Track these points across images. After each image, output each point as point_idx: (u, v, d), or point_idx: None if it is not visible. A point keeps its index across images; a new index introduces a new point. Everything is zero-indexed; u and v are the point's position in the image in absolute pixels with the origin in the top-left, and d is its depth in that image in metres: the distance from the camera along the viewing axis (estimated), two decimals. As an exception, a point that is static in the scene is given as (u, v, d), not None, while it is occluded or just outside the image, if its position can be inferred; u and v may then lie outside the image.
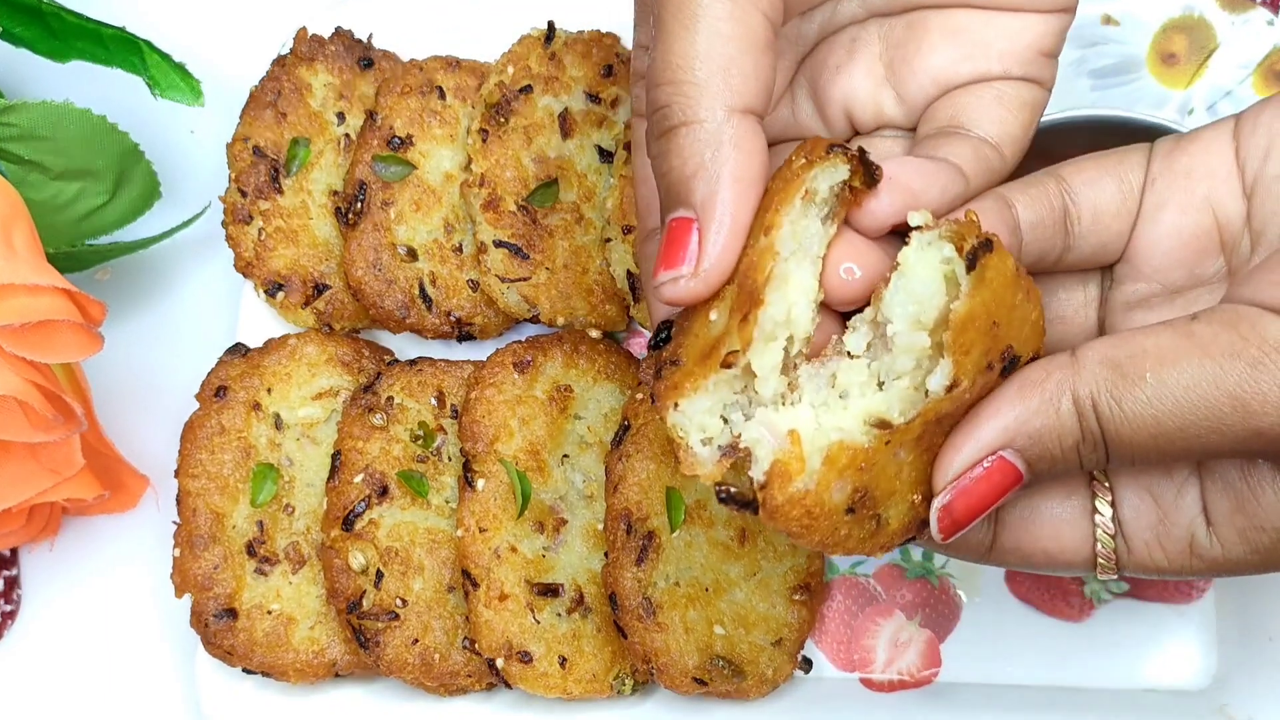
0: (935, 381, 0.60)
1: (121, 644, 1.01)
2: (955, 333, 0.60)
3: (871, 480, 0.60)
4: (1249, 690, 0.92)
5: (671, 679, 0.88)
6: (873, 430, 0.60)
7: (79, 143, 0.94)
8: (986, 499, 0.62)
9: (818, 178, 0.62)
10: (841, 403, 0.61)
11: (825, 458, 0.59)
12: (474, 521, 0.90)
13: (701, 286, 0.63)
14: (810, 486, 0.59)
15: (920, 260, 0.61)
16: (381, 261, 0.98)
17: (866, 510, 0.61)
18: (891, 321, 0.61)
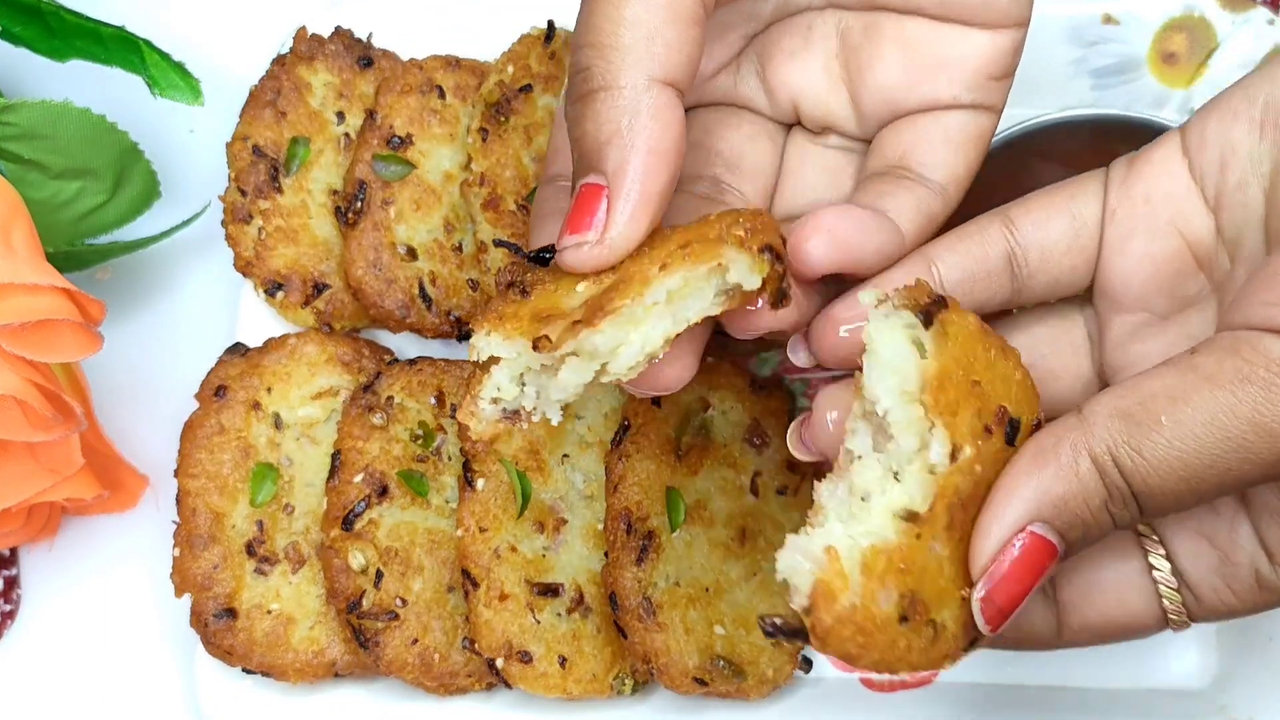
0: (935, 452, 0.59)
1: (121, 644, 1.01)
2: (933, 393, 0.59)
3: (916, 582, 0.58)
4: (1249, 690, 0.92)
5: (671, 679, 0.88)
6: (901, 524, 0.58)
7: (78, 142, 0.94)
8: (1025, 580, 0.60)
9: (739, 267, 0.61)
10: (864, 505, 0.59)
11: (863, 566, 0.57)
12: (474, 521, 0.90)
13: (606, 254, 0.63)
14: (856, 600, 0.57)
15: (883, 331, 0.60)
16: (381, 261, 0.98)
17: (920, 616, 0.58)
18: (879, 400, 0.60)
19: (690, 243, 0.62)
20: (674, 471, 0.91)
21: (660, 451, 0.90)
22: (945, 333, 0.60)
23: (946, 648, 0.60)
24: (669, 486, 0.90)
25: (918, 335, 0.60)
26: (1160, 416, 0.58)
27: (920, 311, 0.60)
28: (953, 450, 0.59)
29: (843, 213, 0.68)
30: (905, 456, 0.59)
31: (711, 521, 0.91)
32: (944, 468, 0.59)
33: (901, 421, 0.59)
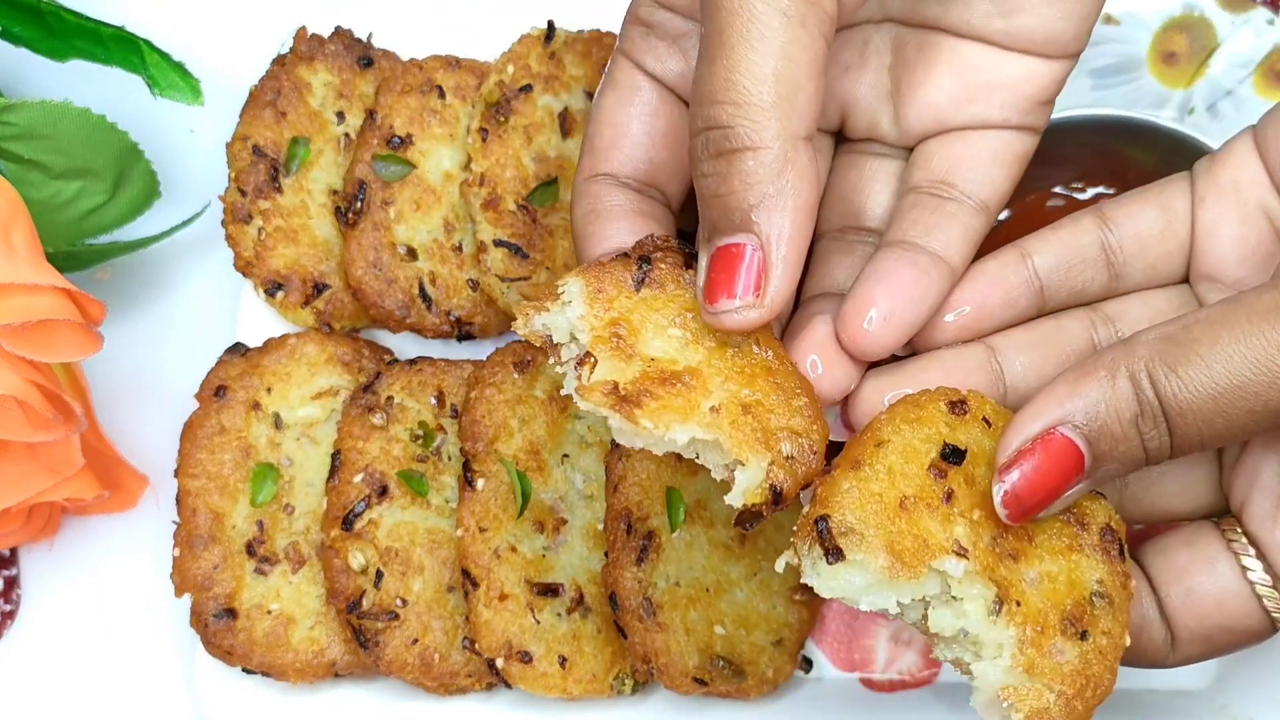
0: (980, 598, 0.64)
1: (121, 644, 1.01)
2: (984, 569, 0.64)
3: (1058, 618, 0.64)
4: (1250, 690, 0.92)
5: (672, 679, 0.88)
6: (1003, 624, 0.63)
7: (78, 142, 0.94)
8: (1050, 479, 0.63)
9: (747, 477, 0.63)
10: (977, 643, 0.64)
11: (1022, 668, 0.63)
12: (474, 521, 0.90)
13: (765, 315, 0.64)
14: (1051, 694, 0.63)
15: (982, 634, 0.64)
16: (381, 261, 0.98)
17: (1089, 626, 0.65)
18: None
19: (757, 406, 0.64)
20: (674, 471, 0.91)
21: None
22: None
23: (1118, 591, 0.66)
24: (669, 486, 0.90)
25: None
26: (1198, 338, 0.61)
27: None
28: (960, 550, 0.63)
29: (892, 291, 0.70)
30: (948, 585, 0.64)
31: (711, 521, 0.91)
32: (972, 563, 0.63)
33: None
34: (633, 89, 0.75)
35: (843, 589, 0.63)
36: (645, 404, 0.63)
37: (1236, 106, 0.98)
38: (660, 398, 0.63)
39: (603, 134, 0.75)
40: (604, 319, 0.65)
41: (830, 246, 0.78)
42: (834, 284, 0.76)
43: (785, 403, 0.65)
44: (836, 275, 0.76)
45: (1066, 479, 0.63)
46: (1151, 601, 0.71)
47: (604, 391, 0.63)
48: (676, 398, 0.63)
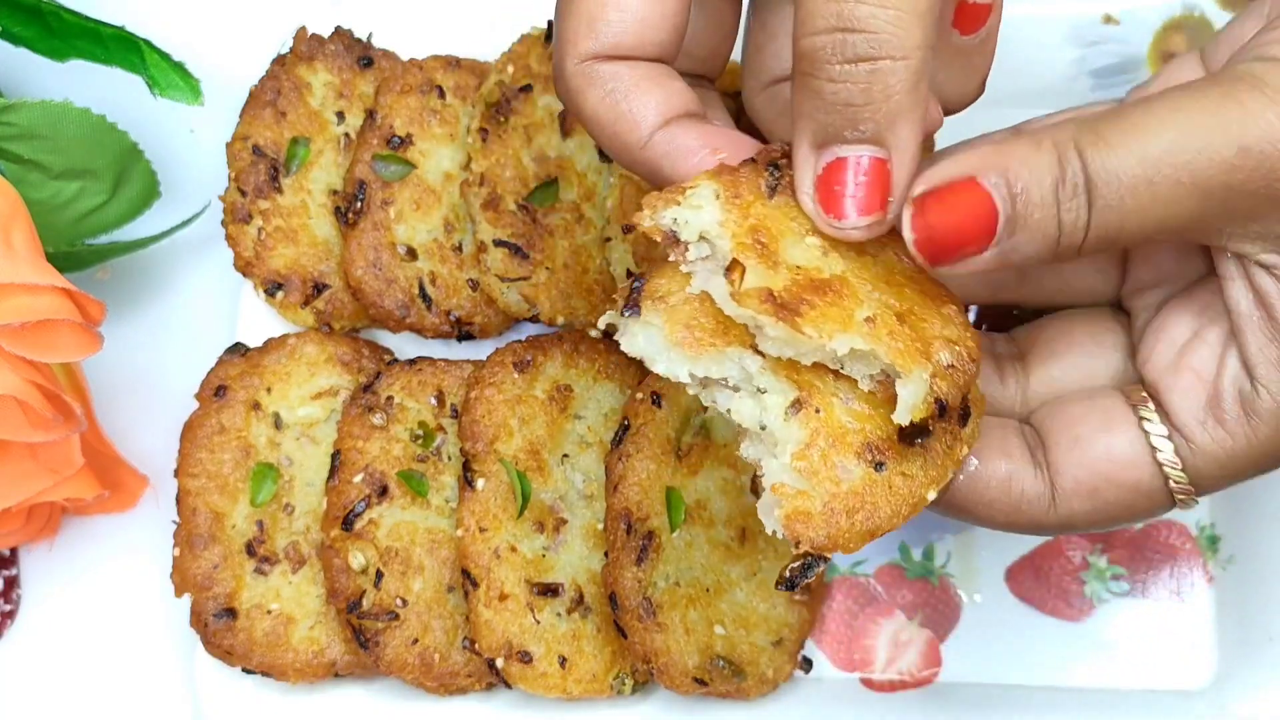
0: (767, 347, 0.62)
1: (121, 644, 1.01)
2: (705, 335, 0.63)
3: (858, 437, 0.62)
4: (1249, 690, 0.92)
5: (671, 679, 0.88)
6: (794, 415, 0.62)
7: (78, 142, 0.94)
8: (963, 223, 0.60)
9: (909, 392, 0.61)
10: (767, 432, 0.63)
11: (803, 472, 0.61)
12: (474, 521, 0.90)
13: (887, 227, 0.63)
14: (823, 497, 0.61)
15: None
16: (381, 261, 0.98)
17: (889, 453, 0.62)
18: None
19: (909, 316, 0.62)
20: (674, 471, 0.91)
21: (660, 451, 0.90)
22: (656, 300, 0.64)
23: (941, 444, 0.63)
24: (669, 486, 0.90)
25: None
26: (1130, 112, 0.59)
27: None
28: (753, 347, 0.62)
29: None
30: (741, 377, 0.63)
31: (711, 521, 0.91)
32: (769, 360, 0.62)
33: (711, 367, 0.63)
34: None
35: (640, 348, 0.64)
36: (804, 312, 0.60)
37: (1236, 106, 0.98)
38: (816, 306, 0.61)
39: (760, 32, 0.71)
40: (744, 225, 0.63)
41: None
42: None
43: (936, 311, 0.63)
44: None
45: (980, 232, 0.60)
46: (1025, 454, 0.69)
47: (760, 298, 0.61)
48: (831, 307, 0.61)
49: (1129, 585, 0.96)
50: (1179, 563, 0.96)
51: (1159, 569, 0.97)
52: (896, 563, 0.98)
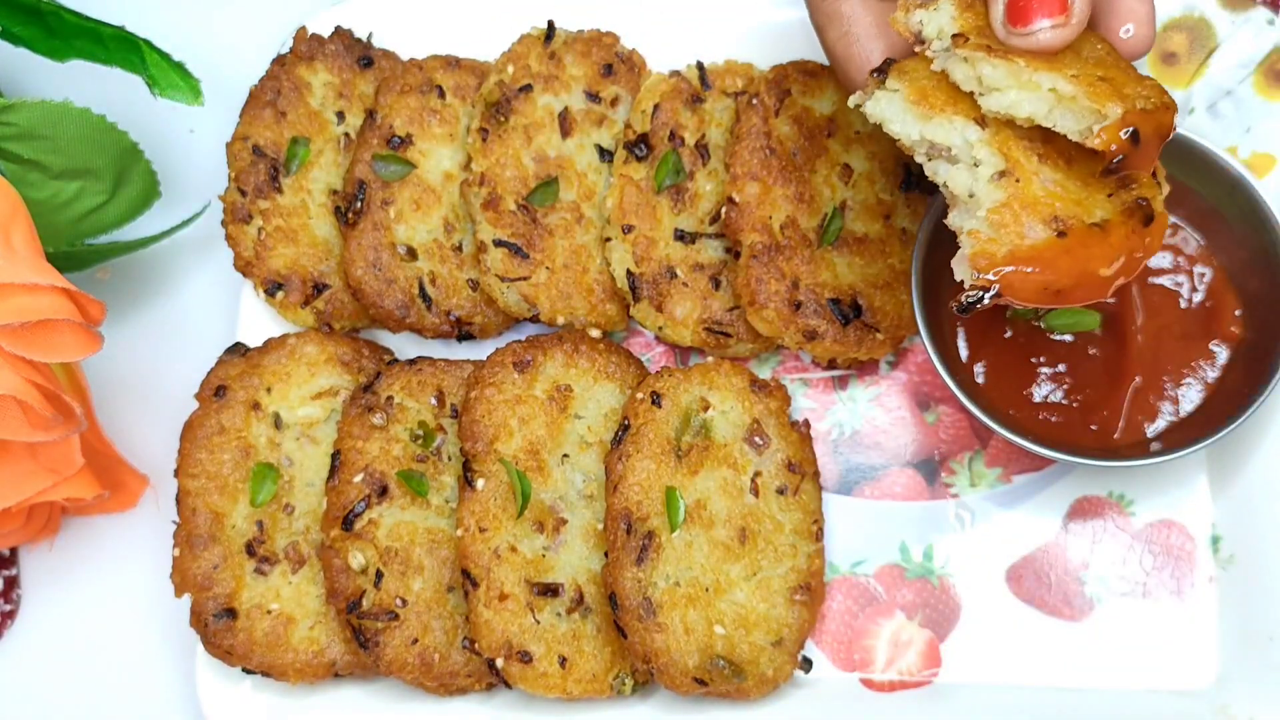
0: (972, 132, 0.76)
1: (121, 644, 1.01)
2: (929, 96, 0.77)
3: (1049, 207, 0.74)
4: (1250, 690, 0.92)
5: (671, 679, 0.88)
6: (999, 181, 0.75)
7: (78, 142, 0.94)
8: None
9: (1105, 123, 0.72)
10: (973, 199, 0.77)
11: (993, 225, 0.74)
12: (474, 521, 0.90)
13: (1074, 32, 0.73)
14: (1006, 247, 0.73)
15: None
16: (381, 261, 0.98)
17: (1074, 224, 0.73)
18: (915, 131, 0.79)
19: (1110, 79, 0.73)
20: (674, 471, 0.91)
21: (660, 451, 0.90)
22: (901, 75, 0.78)
23: (1120, 233, 0.73)
24: (669, 486, 0.90)
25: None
26: None
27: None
28: (978, 120, 0.75)
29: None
30: (962, 147, 0.75)
31: (711, 522, 0.91)
32: (988, 134, 0.74)
33: (938, 132, 0.76)
34: None
35: (881, 110, 0.77)
36: (1016, 61, 0.73)
37: (1236, 106, 0.98)
38: (1026, 58, 0.73)
39: None
40: (974, 23, 0.76)
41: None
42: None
43: (1139, 81, 0.74)
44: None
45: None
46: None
47: (981, 45, 0.74)
48: (1042, 62, 0.73)
49: (1006, 486, 0.98)
50: (1180, 562, 0.96)
51: (1160, 568, 0.97)
52: (896, 563, 0.98)
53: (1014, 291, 0.72)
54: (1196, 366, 0.95)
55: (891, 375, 1.01)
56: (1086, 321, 0.95)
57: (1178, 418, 0.94)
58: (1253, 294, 0.94)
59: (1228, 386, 0.93)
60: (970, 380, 0.96)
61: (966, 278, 0.73)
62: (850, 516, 0.99)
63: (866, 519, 0.99)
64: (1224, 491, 0.97)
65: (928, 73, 0.77)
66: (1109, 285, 0.75)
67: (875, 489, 0.99)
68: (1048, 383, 0.95)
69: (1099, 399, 0.94)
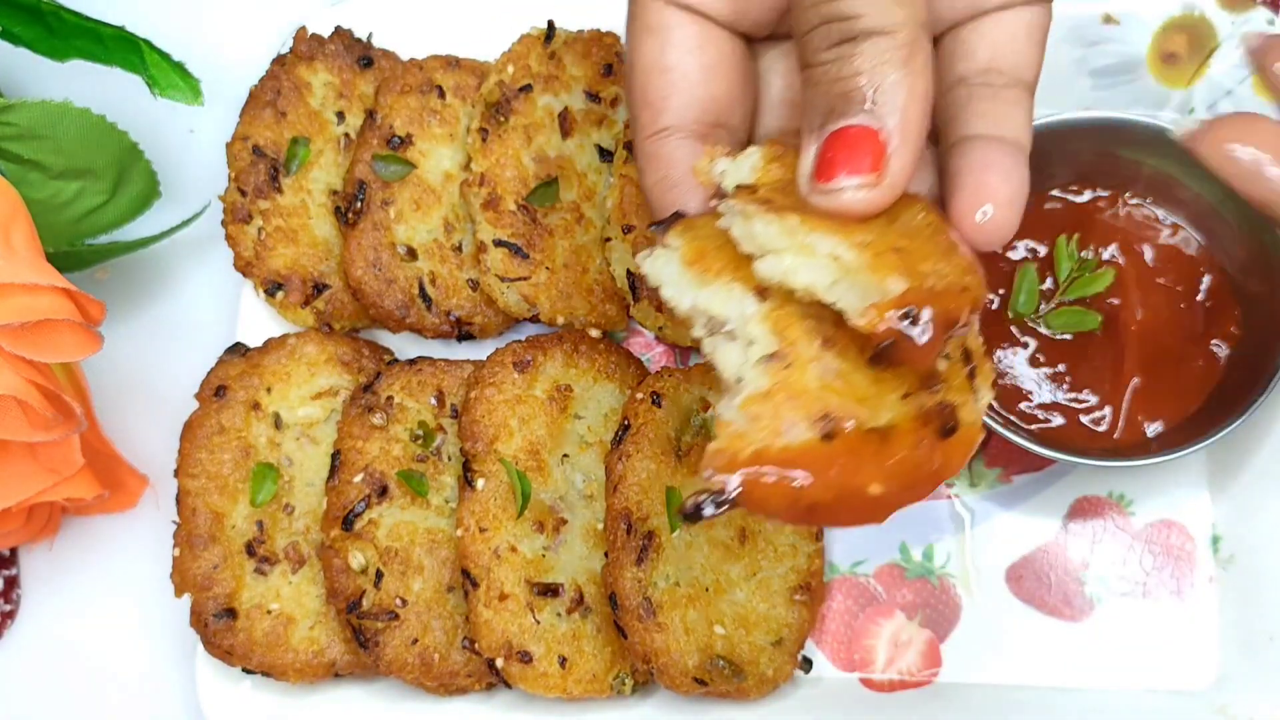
0: (749, 305, 0.63)
1: (121, 644, 1.01)
2: (700, 264, 0.66)
3: (821, 403, 0.60)
4: (1251, 691, 0.92)
5: (671, 679, 0.88)
6: (765, 366, 0.61)
7: (78, 142, 0.94)
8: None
9: (863, 306, 0.59)
10: (739, 381, 0.63)
11: (749, 419, 0.60)
12: (474, 521, 0.90)
13: (886, 197, 0.62)
14: (756, 446, 0.59)
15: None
16: (381, 261, 0.98)
17: (848, 429, 0.59)
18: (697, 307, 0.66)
19: (905, 250, 0.61)
20: (674, 471, 0.91)
21: (660, 451, 0.90)
22: (687, 230, 0.67)
23: (905, 444, 0.60)
24: (669, 486, 0.90)
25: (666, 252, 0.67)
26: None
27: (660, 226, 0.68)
28: (758, 290, 0.62)
29: (1005, 177, 0.69)
30: (737, 322, 0.63)
31: (711, 522, 0.91)
32: (763, 309, 0.62)
33: (713, 301, 0.64)
34: (669, 28, 0.72)
35: (656, 269, 0.66)
36: (799, 213, 0.61)
37: (1237, 106, 0.98)
38: (813, 217, 0.62)
39: (654, 83, 0.72)
40: (774, 177, 0.66)
41: None
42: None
43: (944, 257, 0.61)
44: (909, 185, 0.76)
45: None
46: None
47: (759, 199, 0.63)
48: (830, 223, 0.61)
49: (1006, 486, 0.98)
50: (1180, 562, 0.96)
51: (1160, 568, 0.97)
52: (896, 563, 0.98)
53: (754, 502, 0.59)
54: (1196, 366, 0.95)
55: (891, 375, 1.01)
56: (1087, 321, 0.95)
57: (1178, 418, 0.94)
58: (1253, 294, 0.94)
59: (1228, 386, 0.93)
60: (970, 380, 0.96)
61: (707, 470, 0.60)
62: (850, 516, 0.98)
63: (866, 519, 0.98)
64: (1224, 491, 0.97)
65: (715, 230, 0.65)
66: (882, 508, 0.61)
67: (875, 489, 0.99)
68: (1047, 382, 0.95)
69: (1099, 399, 0.94)
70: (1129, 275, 0.96)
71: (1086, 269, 0.96)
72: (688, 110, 0.72)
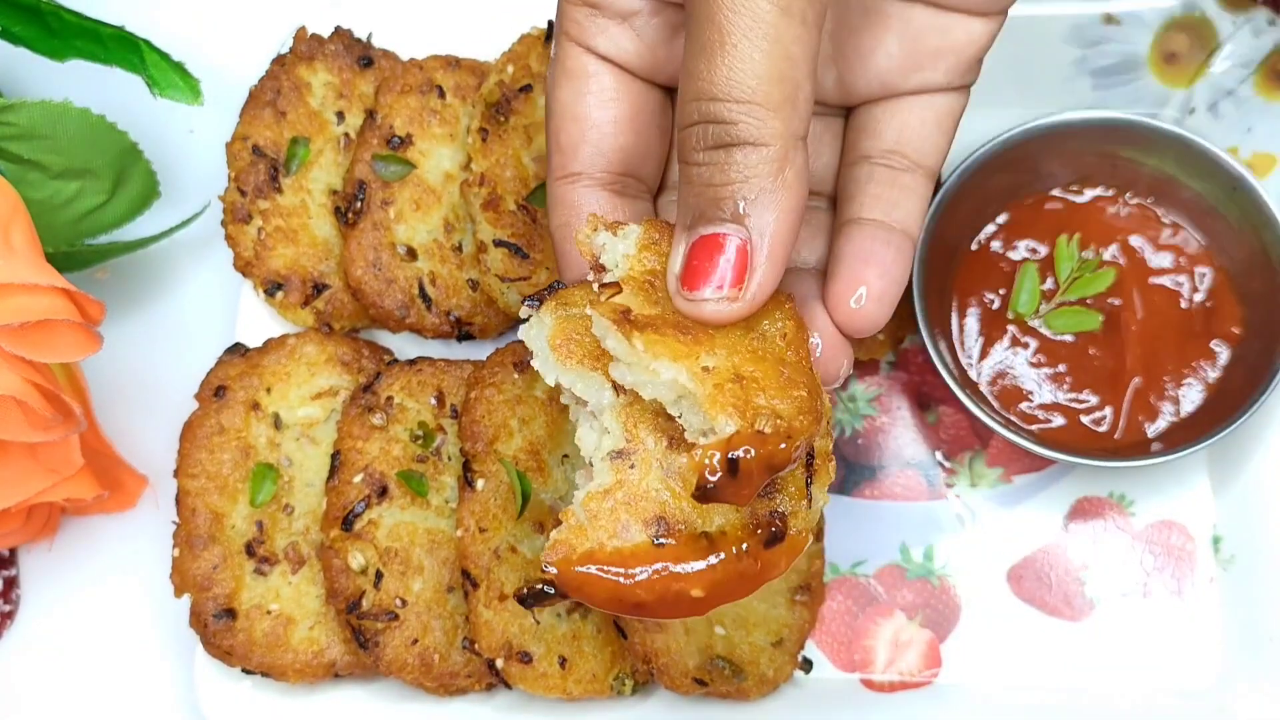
0: (606, 396, 0.65)
1: (120, 644, 1.01)
2: (564, 349, 0.66)
3: (658, 508, 0.63)
4: (1251, 691, 0.92)
5: (671, 679, 0.88)
6: (613, 464, 0.64)
7: (78, 142, 0.94)
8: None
9: (713, 436, 0.61)
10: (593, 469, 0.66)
11: (589, 514, 0.63)
12: (474, 521, 0.90)
13: (745, 310, 0.64)
14: (591, 544, 0.62)
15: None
16: (381, 261, 0.98)
17: (678, 533, 0.62)
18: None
19: (750, 381, 0.62)
20: (674, 472, 0.90)
21: (660, 452, 0.90)
22: (561, 305, 0.68)
23: (730, 551, 0.63)
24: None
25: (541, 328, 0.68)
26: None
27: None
28: (614, 387, 0.64)
29: (881, 271, 0.71)
30: (595, 408, 0.65)
31: (711, 522, 0.91)
32: (618, 403, 0.64)
33: (576, 384, 0.66)
34: (587, 75, 0.73)
35: (530, 338, 0.68)
36: (647, 333, 0.62)
37: (1237, 106, 0.98)
38: (665, 337, 0.62)
39: (566, 129, 0.73)
40: (647, 266, 0.66)
41: None
42: (798, 258, 0.76)
43: (783, 390, 0.63)
44: (801, 249, 0.76)
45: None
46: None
47: (616, 310, 0.63)
48: (680, 344, 0.62)
49: (1007, 486, 0.98)
50: (1180, 563, 0.96)
51: (1160, 569, 0.97)
52: (897, 563, 0.98)
53: (583, 594, 0.62)
54: (1197, 366, 0.95)
55: (891, 375, 1.01)
56: (1087, 322, 0.95)
57: (1178, 418, 0.94)
58: (1253, 294, 0.94)
59: (1228, 386, 0.93)
60: (970, 380, 0.96)
61: (544, 557, 0.63)
62: (850, 517, 0.98)
63: (866, 519, 0.98)
64: (1224, 491, 0.97)
65: (585, 310, 0.66)
66: (703, 607, 0.63)
67: (875, 489, 0.99)
68: (1048, 383, 0.95)
69: (1099, 399, 0.94)
70: (1129, 275, 0.96)
71: (1087, 269, 0.96)
72: (598, 159, 0.73)
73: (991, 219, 0.99)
